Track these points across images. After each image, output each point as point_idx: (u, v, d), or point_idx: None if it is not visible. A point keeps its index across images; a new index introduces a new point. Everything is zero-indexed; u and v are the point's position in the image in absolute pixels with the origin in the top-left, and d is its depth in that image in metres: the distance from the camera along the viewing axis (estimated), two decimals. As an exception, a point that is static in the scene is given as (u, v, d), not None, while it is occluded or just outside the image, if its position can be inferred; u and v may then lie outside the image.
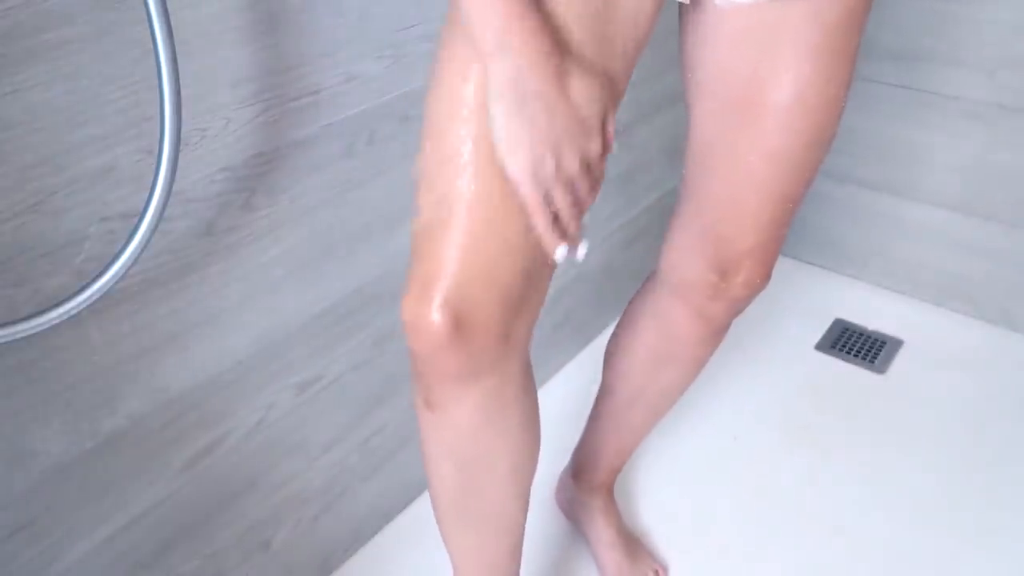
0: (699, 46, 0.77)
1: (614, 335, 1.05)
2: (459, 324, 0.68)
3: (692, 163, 0.84)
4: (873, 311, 1.75)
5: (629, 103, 1.40)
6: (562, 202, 0.65)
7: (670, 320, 0.94)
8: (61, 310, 0.66)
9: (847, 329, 1.70)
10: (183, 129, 0.78)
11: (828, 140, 0.79)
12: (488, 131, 0.63)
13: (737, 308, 0.91)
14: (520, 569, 0.97)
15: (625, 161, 1.49)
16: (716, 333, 0.95)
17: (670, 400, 1.06)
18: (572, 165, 0.64)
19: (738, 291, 0.87)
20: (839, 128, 0.79)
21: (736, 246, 0.84)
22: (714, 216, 0.84)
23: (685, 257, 0.88)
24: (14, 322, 0.64)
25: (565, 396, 1.45)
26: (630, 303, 1.02)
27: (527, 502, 0.90)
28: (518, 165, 0.63)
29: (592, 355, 1.14)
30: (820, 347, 1.66)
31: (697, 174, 0.84)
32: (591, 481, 1.20)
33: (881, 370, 1.60)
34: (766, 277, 0.87)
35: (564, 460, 1.33)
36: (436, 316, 0.68)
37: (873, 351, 1.64)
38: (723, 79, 0.76)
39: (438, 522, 0.89)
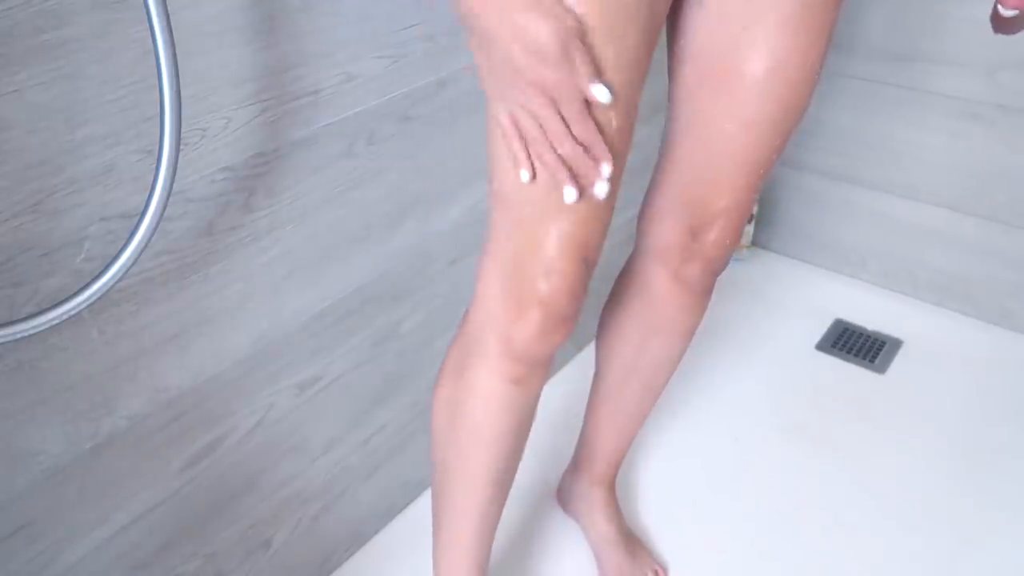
0: (686, 15, 0.79)
1: (603, 311, 1.07)
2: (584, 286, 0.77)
3: (671, 128, 0.88)
4: (873, 311, 1.75)
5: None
6: (532, 132, 0.66)
7: (651, 286, 0.97)
8: (61, 310, 0.66)
9: (847, 329, 1.70)
10: (183, 129, 0.78)
11: (802, 110, 0.82)
12: None
13: (712, 269, 0.94)
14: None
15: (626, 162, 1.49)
16: (696, 298, 0.98)
17: (662, 375, 1.08)
18: (532, 99, 0.64)
19: (710, 251, 0.91)
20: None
21: (709, 208, 0.88)
22: (689, 179, 0.87)
23: (661, 220, 0.93)
24: (14, 322, 0.64)
25: (563, 398, 1.45)
26: (616, 278, 1.04)
27: None
28: (488, 92, 0.67)
29: (589, 357, 1.14)
30: (820, 347, 1.66)
31: (675, 139, 0.87)
32: (592, 474, 1.20)
33: (881, 370, 1.60)
34: (736, 238, 0.92)
35: (561, 462, 1.33)
36: (576, 282, 0.75)
37: (873, 351, 1.64)
38: (706, 48, 0.79)
39: (468, 496, 0.92)
